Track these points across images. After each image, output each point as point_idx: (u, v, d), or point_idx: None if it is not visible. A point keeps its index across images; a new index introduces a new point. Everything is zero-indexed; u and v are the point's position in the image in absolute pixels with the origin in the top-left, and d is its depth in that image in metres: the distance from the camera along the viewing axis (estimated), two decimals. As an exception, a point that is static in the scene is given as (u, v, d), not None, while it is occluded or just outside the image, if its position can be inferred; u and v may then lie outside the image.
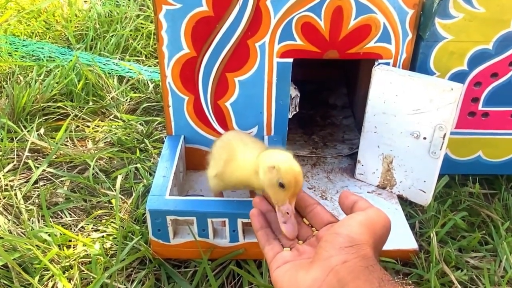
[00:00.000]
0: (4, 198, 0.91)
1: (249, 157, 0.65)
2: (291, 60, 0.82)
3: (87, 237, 0.82)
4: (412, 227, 0.83)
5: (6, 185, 0.94)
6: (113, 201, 0.89)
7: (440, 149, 0.79)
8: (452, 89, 0.74)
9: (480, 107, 0.85)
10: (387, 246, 0.75)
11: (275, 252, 0.55)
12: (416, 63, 0.81)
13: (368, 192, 0.90)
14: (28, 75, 1.30)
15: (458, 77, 0.81)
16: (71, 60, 1.32)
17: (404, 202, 0.88)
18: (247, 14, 0.77)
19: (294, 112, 0.90)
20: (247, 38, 0.79)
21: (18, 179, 0.97)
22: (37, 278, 0.73)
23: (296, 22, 0.78)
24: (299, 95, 0.88)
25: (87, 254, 0.78)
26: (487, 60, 0.80)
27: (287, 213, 0.56)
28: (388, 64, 0.82)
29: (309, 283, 0.48)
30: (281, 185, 0.56)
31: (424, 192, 0.84)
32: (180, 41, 0.80)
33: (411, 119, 0.80)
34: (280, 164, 0.56)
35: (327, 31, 0.79)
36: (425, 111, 0.78)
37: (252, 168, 0.63)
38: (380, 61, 0.82)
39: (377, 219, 0.51)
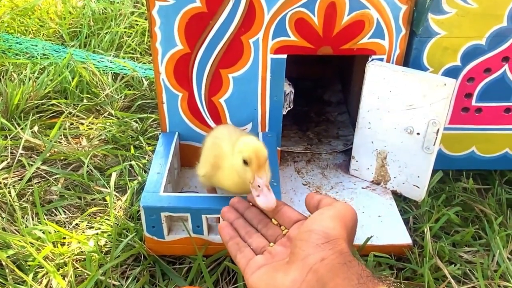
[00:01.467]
0: (-2, 196, 0.90)
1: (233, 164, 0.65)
2: (285, 56, 0.82)
3: (81, 234, 0.82)
4: (406, 222, 0.83)
5: (0, 182, 0.94)
6: (107, 198, 0.89)
7: (434, 145, 0.79)
8: (445, 85, 0.74)
9: (473, 103, 0.85)
10: (381, 241, 0.77)
11: (248, 259, 0.54)
12: (410, 58, 0.81)
13: (362, 187, 0.90)
14: (21, 73, 1.30)
15: (452, 73, 0.81)
16: (65, 58, 1.32)
17: (398, 197, 0.88)
18: (241, 10, 0.77)
19: (289, 109, 0.90)
20: (240, 34, 0.79)
21: (12, 177, 0.96)
22: (31, 275, 0.73)
23: (290, 18, 0.78)
24: (293, 91, 0.88)
25: (82, 252, 0.78)
26: (480, 56, 0.80)
27: (258, 186, 0.58)
28: (381, 60, 0.82)
29: (288, 284, 0.47)
30: (245, 162, 0.60)
31: (418, 188, 0.85)
32: (173, 38, 0.80)
33: (404, 114, 0.80)
34: (240, 146, 0.61)
35: (320, 27, 0.79)
36: (418, 106, 0.78)
37: (239, 178, 0.64)
38: (373, 57, 0.82)
39: (346, 212, 0.52)
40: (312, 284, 0.46)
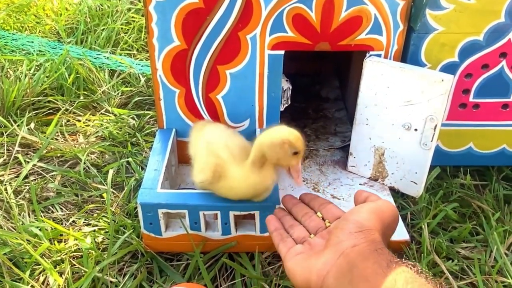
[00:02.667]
0: (-6, 193, 0.90)
1: (242, 174, 0.67)
2: (282, 52, 0.81)
3: (78, 231, 0.82)
4: (403, 218, 0.83)
5: (-4, 180, 0.93)
6: (104, 195, 0.89)
7: (431, 141, 0.79)
8: (443, 80, 0.74)
9: (471, 99, 0.85)
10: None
11: (288, 248, 0.58)
12: (407, 54, 0.81)
13: (360, 184, 0.90)
14: (18, 69, 1.29)
15: (449, 69, 0.81)
16: (61, 54, 1.31)
17: (396, 193, 0.88)
18: (238, 6, 0.76)
19: (286, 105, 0.90)
20: (238, 30, 0.79)
21: (8, 174, 0.96)
22: (28, 272, 0.73)
23: (287, 14, 0.78)
24: (290, 87, 0.88)
25: (79, 248, 0.78)
26: (477, 52, 0.80)
27: (298, 170, 0.65)
28: (379, 56, 0.82)
29: (320, 266, 0.51)
30: (295, 153, 0.64)
31: (416, 184, 0.85)
32: (170, 34, 0.79)
33: (402, 110, 0.80)
34: (289, 138, 0.63)
35: (318, 23, 0.78)
36: (416, 102, 0.78)
37: (249, 184, 0.67)
38: (371, 53, 0.81)
39: (385, 208, 0.55)
40: (342, 266, 0.49)
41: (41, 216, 0.84)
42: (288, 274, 0.55)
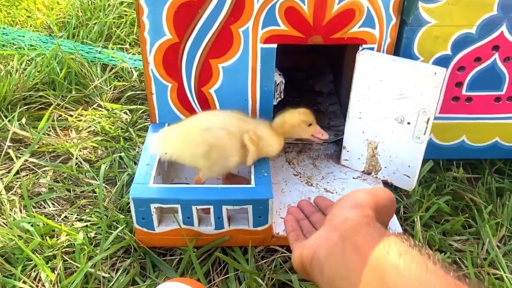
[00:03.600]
0: (-15, 189, 0.89)
1: (273, 134, 0.81)
2: (275, 45, 0.81)
3: (70, 227, 0.81)
4: (396, 212, 0.83)
5: (-13, 175, 0.93)
6: (97, 190, 0.88)
7: (424, 134, 0.79)
8: (435, 74, 0.74)
9: (463, 92, 0.85)
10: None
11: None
12: (400, 48, 0.81)
13: (353, 177, 0.90)
14: (8, 64, 1.28)
15: (442, 62, 0.81)
16: (53, 49, 1.29)
17: (389, 187, 0.88)
18: (230, -2, 0.76)
19: (279, 99, 0.90)
20: (230, 23, 0.78)
21: (0, 170, 0.95)
22: (19, 268, 0.72)
23: (280, 7, 0.77)
24: (283, 81, 0.88)
25: (71, 244, 0.78)
26: (470, 45, 0.80)
27: (319, 131, 0.83)
28: (372, 49, 0.81)
29: (312, 241, 0.51)
30: (310, 125, 0.82)
31: (409, 177, 0.85)
32: (162, 27, 0.78)
33: (395, 104, 0.80)
34: (302, 118, 0.81)
35: (311, 16, 0.78)
36: (409, 96, 0.78)
37: (280, 143, 0.82)
38: (364, 46, 0.81)
39: (381, 192, 0.56)
40: (334, 239, 0.49)
41: (33, 212, 0.83)
42: (292, 262, 0.55)
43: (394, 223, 0.78)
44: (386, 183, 0.88)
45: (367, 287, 0.43)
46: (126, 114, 1.13)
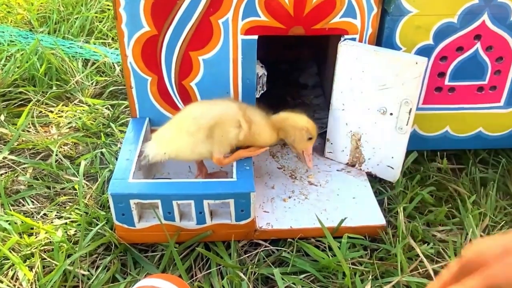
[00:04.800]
0: (-38, 187, 0.87)
1: (266, 123, 0.79)
2: (256, 37, 0.80)
3: (50, 224, 0.80)
4: (381, 203, 0.83)
5: (-36, 174, 0.90)
6: (77, 186, 0.87)
7: (407, 125, 0.78)
8: (416, 63, 0.73)
9: (446, 82, 0.85)
10: (355, 223, 0.76)
11: None
12: (382, 38, 0.80)
13: (337, 170, 0.89)
14: (-13, 60, 1.25)
15: (424, 52, 0.80)
16: (32, 44, 1.27)
17: (374, 179, 0.88)
18: (208, -11, 0.74)
19: (262, 91, 0.89)
20: (209, 14, 0.77)
21: (-23, 168, 0.93)
22: (-4, 268, 0.71)
23: (260, -3, 0.76)
24: (266, 73, 0.87)
25: (50, 242, 0.76)
26: (452, 34, 0.79)
27: (310, 154, 0.83)
28: (354, 39, 0.81)
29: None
30: (310, 139, 0.81)
31: (392, 169, 0.84)
32: (139, 19, 0.77)
33: (377, 95, 0.79)
34: (307, 126, 0.80)
35: (291, 6, 0.77)
36: (390, 86, 0.77)
37: (272, 136, 0.80)
38: (346, 36, 0.80)
39: None
40: None
41: (10, 210, 0.82)
42: None
43: (378, 215, 0.78)
44: (370, 175, 0.88)
45: None
46: (108, 109, 1.11)
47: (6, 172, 0.93)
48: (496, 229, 0.80)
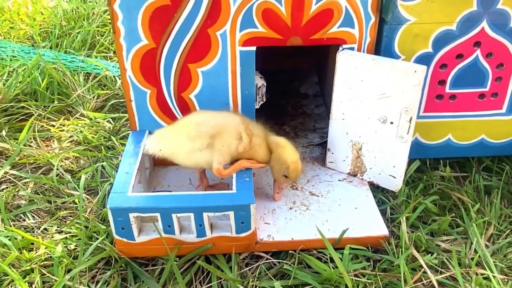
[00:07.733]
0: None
1: (263, 138, 0.79)
2: (254, 48, 0.80)
3: (50, 239, 0.79)
4: (383, 213, 0.82)
5: (-34, 189, 0.90)
6: (77, 200, 0.86)
7: (408, 133, 0.78)
8: (415, 72, 0.73)
9: (447, 90, 0.84)
10: (357, 233, 0.75)
11: None
12: (381, 47, 0.80)
13: (339, 180, 0.88)
14: (-10, 76, 1.26)
15: (424, 60, 0.80)
16: (34, 59, 1.28)
17: (376, 188, 0.87)
18: (206, 1, 0.74)
19: (262, 102, 0.88)
20: (207, 26, 0.77)
21: (-21, 183, 0.93)
22: (-4, 284, 0.70)
23: (257, 9, 0.76)
24: (265, 84, 0.86)
25: (50, 257, 0.75)
26: (451, 41, 0.79)
27: (282, 188, 0.82)
28: (352, 49, 0.80)
29: None
30: (285, 176, 0.78)
31: (394, 178, 0.83)
32: (137, 32, 0.77)
33: (377, 104, 0.78)
34: (290, 165, 0.76)
35: (288, 17, 0.77)
36: (390, 95, 0.76)
37: (266, 150, 0.79)
38: (344, 46, 0.80)
39: None
40: None
41: (11, 225, 0.81)
42: None
43: (380, 225, 0.77)
44: (372, 185, 0.87)
45: None
46: (109, 122, 1.11)
47: (7, 187, 0.93)
48: (501, 237, 0.79)
